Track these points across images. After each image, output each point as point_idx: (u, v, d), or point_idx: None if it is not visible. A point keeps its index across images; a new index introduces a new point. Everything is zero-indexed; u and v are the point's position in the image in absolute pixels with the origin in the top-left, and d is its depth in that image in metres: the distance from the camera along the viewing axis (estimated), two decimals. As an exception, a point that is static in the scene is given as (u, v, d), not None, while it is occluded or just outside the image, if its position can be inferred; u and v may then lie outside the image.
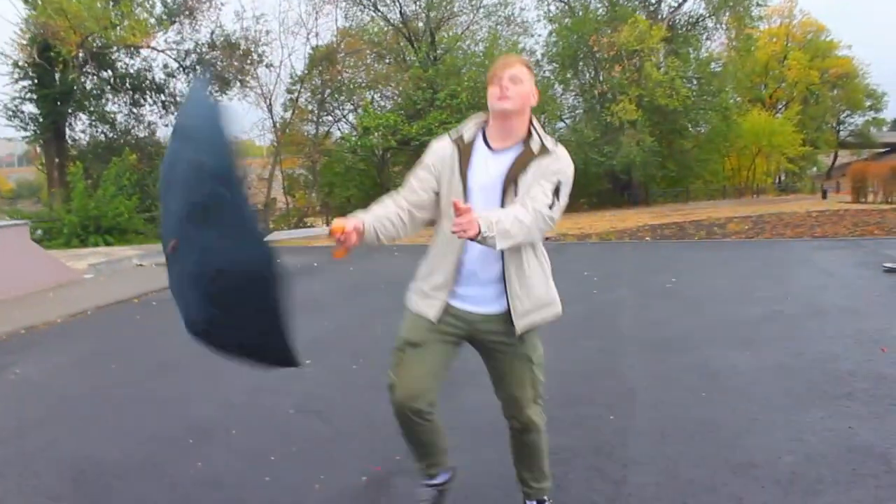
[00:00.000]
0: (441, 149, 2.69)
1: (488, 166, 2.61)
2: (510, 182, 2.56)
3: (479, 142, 2.67)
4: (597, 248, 13.58)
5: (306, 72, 29.64)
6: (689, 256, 11.73)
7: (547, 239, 2.92)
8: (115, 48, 25.60)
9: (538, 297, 2.67)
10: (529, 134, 2.63)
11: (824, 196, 31.92)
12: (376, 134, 26.87)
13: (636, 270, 10.08)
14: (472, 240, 2.31)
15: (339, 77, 29.20)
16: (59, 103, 23.93)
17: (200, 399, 4.87)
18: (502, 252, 2.54)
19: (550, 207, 2.50)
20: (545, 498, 2.93)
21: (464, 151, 2.64)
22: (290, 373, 5.16)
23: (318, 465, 3.64)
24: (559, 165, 2.58)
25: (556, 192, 2.53)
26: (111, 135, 27.46)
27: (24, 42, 22.45)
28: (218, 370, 5.40)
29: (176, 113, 3.34)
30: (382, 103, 30.68)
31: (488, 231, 2.29)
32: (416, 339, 2.70)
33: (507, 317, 2.64)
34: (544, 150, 2.60)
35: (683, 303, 7.61)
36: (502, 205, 2.56)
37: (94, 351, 6.59)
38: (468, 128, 2.70)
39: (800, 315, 6.71)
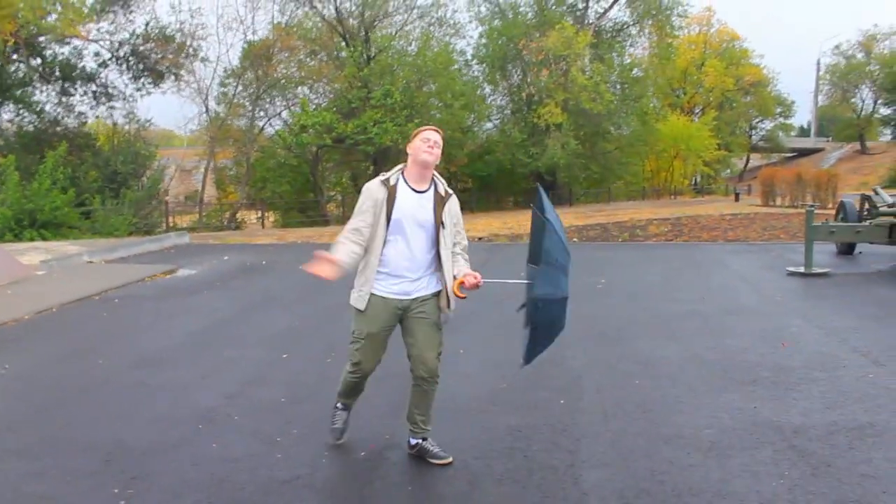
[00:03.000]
0: (375, 191, 3.83)
1: (415, 201, 3.80)
2: (439, 221, 3.83)
3: (402, 183, 3.83)
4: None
5: (239, 66, 29.76)
6: (615, 258, 12.70)
7: (479, 239, 3.97)
8: (45, 36, 25.24)
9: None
10: (433, 180, 3.88)
11: (737, 198, 33.76)
12: (311, 131, 27.25)
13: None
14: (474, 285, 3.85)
15: (274, 73, 29.39)
16: (-14, 92, 23.54)
17: (196, 390, 5.41)
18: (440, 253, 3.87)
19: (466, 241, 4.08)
20: (427, 435, 4.05)
21: (390, 192, 3.80)
22: (270, 366, 5.81)
23: (321, 445, 4.27)
24: (457, 208, 3.98)
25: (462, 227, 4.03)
26: (38, 125, 26.98)
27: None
28: (200, 365, 6.02)
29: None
30: (317, 101, 30.99)
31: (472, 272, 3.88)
32: (374, 330, 3.90)
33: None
34: (447, 194, 3.91)
35: (615, 300, 8.50)
36: (436, 234, 3.83)
37: (74, 346, 6.99)
38: (393, 174, 3.88)
39: (715, 313, 7.67)
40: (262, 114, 31.00)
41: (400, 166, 3.91)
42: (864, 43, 59.32)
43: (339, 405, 4.27)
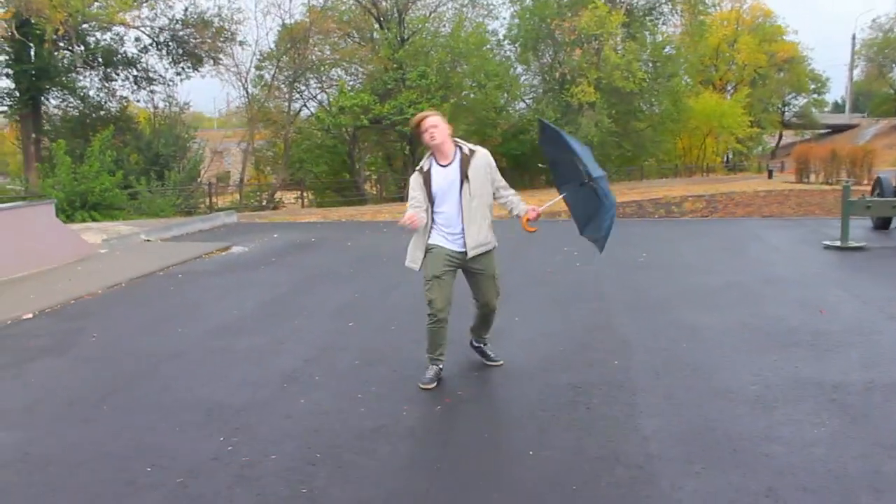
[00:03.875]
0: (416, 178, 4.80)
1: (444, 174, 4.72)
2: (464, 176, 4.69)
3: (434, 165, 4.77)
4: (568, 225, 14.74)
5: (274, 49, 30.25)
6: (653, 233, 13.03)
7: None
8: (88, 23, 25.89)
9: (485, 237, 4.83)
10: (458, 147, 4.76)
11: (770, 176, 33.73)
12: (348, 113, 27.71)
13: (609, 246, 11.27)
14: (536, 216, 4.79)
15: (310, 55, 29.84)
16: (35, 79, 24.20)
17: (275, 355, 5.88)
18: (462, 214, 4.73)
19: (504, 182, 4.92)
20: (487, 342, 5.31)
21: (425, 176, 4.76)
22: (339, 334, 6.27)
23: (399, 400, 4.73)
24: (485, 159, 4.79)
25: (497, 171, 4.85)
26: (83, 110, 27.73)
27: (2, 18, 22.66)
28: (273, 333, 6.50)
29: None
30: (351, 83, 31.40)
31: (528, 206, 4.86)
32: (437, 272, 4.76)
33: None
34: (472, 152, 4.77)
35: (656, 273, 8.87)
36: (460, 191, 4.69)
37: (152, 317, 7.51)
38: (425, 162, 4.80)
39: (754, 283, 8.02)
40: (297, 96, 31.49)
41: (429, 153, 4.83)
42: (902, 16, 58.34)
43: (429, 361, 5.01)
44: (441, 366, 5.01)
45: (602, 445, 3.92)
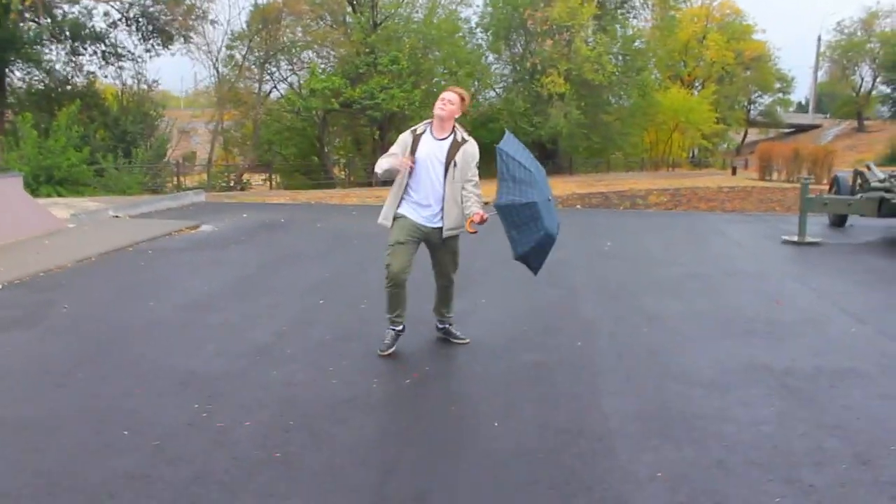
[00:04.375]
0: (405, 137, 5.11)
1: (434, 146, 4.98)
2: (451, 161, 4.95)
3: (427, 133, 5.06)
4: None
5: (246, 29, 30.01)
6: (618, 224, 13.30)
7: (486, 203, 5.03)
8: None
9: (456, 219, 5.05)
10: (454, 129, 5.02)
11: (734, 172, 34.34)
12: (319, 95, 27.63)
13: (576, 235, 11.50)
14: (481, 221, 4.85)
15: (283, 37, 29.66)
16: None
17: (248, 329, 5.98)
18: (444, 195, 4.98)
19: (478, 178, 5.08)
20: (452, 321, 5.48)
21: (415, 139, 5.04)
22: (311, 310, 6.38)
23: (369, 373, 4.89)
24: (473, 150, 5.04)
25: (476, 167, 5.04)
26: (49, 83, 27.28)
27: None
28: (245, 309, 6.61)
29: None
30: (323, 66, 31.24)
31: (484, 209, 4.92)
32: (400, 239, 5.02)
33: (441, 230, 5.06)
34: (464, 140, 5.01)
35: (620, 262, 9.11)
36: (445, 172, 4.94)
37: (122, 290, 7.55)
38: (422, 126, 5.11)
39: (714, 275, 8.29)
40: (268, 77, 31.30)
41: (429, 120, 5.12)
42: (866, 20, 59.45)
43: (388, 323, 5.26)
44: (399, 329, 5.24)
45: (565, 420, 4.11)
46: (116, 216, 13.14)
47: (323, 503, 3.24)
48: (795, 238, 10.66)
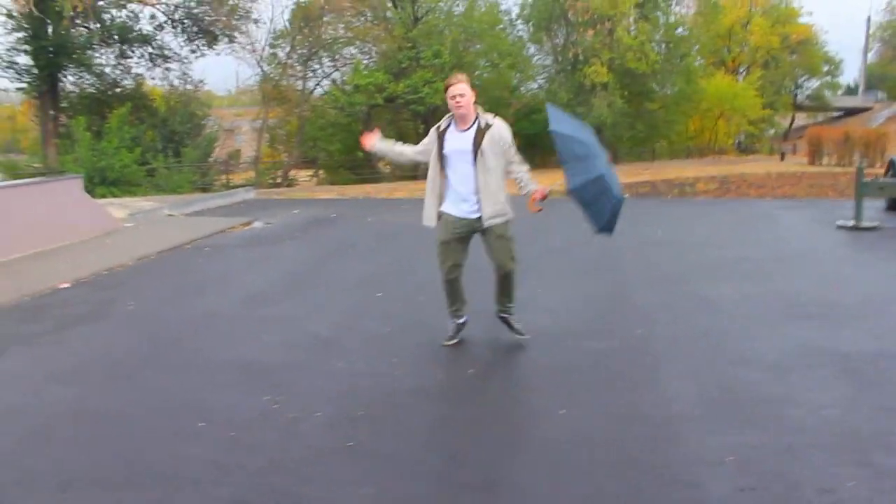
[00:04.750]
0: (431, 134, 5.06)
1: (459, 138, 4.89)
2: (477, 149, 4.82)
3: (451, 127, 4.97)
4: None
5: (288, 27, 30.35)
6: (668, 211, 13.22)
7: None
8: (104, 0, 26.07)
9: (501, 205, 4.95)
10: (477, 116, 4.90)
11: (783, 158, 33.75)
12: (363, 91, 27.86)
13: (626, 223, 11.37)
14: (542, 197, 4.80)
15: (324, 34, 29.94)
16: (53, 55, 24.36)
17: (307, 321, 6.11)
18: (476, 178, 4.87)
19: (520, 157, 4.99)
20: (512, 312, 5.26)
21: (440, 135, 4.98)
22: (368, 304, 6.48)
23: (430, 365, 4.97)
24: (500, 132, 4.89)
25: (514, 147, 4.96)
26: (99, 87, 27.91)
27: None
28: (303, 302, 6.74)
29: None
30: (365, 61, 31.48)
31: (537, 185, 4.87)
32: (445, 238, 5.02)
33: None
34: (488, 125, 4.86)
35: (672, 249, 9.09)
36: (474, 161, 4.82)
37: (184, 287, 7.75)
38: (444, 121, 5.01)
39: (767, 259, 8.22)
40: (311, 74, 31.62)
41: (451, 114, 4.99)
42: (918, -2, 57.84)
43: (450, 316, 5.32)
44: (461, 321, 5.29)
45: (629, 406, 4.15)
46: (171, 215, 13.45)
47: (395, 491, 3.31)
48: (851, 223, 10.48)
